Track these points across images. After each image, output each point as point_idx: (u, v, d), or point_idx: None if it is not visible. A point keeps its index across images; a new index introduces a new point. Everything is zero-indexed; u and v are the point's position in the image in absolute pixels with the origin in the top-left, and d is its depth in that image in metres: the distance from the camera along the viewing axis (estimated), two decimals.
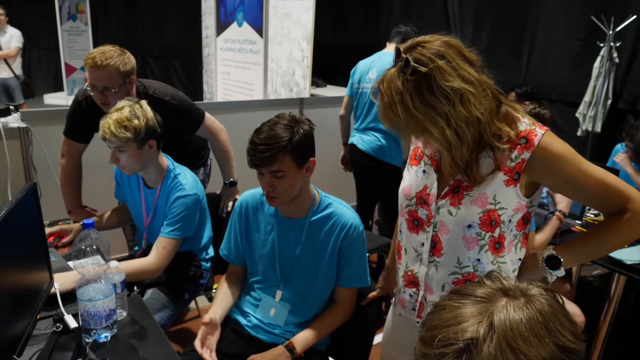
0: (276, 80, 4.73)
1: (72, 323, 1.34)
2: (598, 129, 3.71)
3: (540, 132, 1.08)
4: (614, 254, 2.02)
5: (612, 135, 3.72)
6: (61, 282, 1.47)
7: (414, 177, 1.25)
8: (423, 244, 1.23)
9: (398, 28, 2.96)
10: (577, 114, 3.84)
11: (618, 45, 3.53)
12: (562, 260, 1.14)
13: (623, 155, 2.85)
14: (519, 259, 1.22)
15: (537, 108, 2.24)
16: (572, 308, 2.11)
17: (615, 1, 3.62)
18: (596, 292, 2.62)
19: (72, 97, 2.17)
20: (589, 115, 3.74)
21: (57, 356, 1.26)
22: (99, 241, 1.37)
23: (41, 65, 8.82)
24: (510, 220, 1.15)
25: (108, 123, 1.68)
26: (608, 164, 2.89)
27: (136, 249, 2.07)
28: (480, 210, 1.12)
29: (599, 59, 3.63)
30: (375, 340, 1.68)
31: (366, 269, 1.59)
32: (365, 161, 2.99)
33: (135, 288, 1.93)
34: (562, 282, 2.40)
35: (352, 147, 3.05)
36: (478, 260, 1.17)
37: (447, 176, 1.18)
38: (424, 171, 1.23)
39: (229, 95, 5.03)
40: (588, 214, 2.47)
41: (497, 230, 1.14)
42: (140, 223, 2.00)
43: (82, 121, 2.09)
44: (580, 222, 2.40)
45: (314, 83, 5.81)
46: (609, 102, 3.67)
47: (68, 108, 2.16)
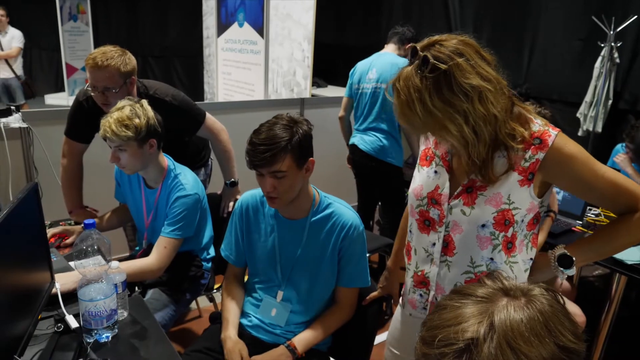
0: (277, 80, 4.73)
1: (73, 323, 1.34)
2: (599, 129, 3.71)
3: (553, 133, 1.09)
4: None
5: (612, 135, 3.72)
6: (62, 282, 1.48)
7: (425, 178, 1.25)
8: (434, 244, 1.23)
9: (395, 29, 3.00)
10: (578, 114, 3.84)
11: (619, 45, 3.52)
12: (574, 258, 1.14)
13: (623, 156, 2.85)
14: (530, 259, 1.22)
15: (538, 108, 2.23)
16: (573, 308, 2.11)
17: (616, 1, 3.62)
18: (597, 292, 2.62)
19: (73, 98, 2.17)
20: (590, 116, 3.74)
21: (58, 356, 1.26)
22: (100, 241, 1.37)
23: (42, 65, 8.83)
24: (522, 220, 1.16)
25: (109, 122, 1.68)
26: (608, 164, 2.88)
27: (137, 249, 2.07)
28: (494, 209, 1.13)
29: (599, 59, 3.62)
30: (377, 341, 1.68)
31: (366, 269, 1.59)
32: (366, 161, 2.99)
33: (136, 288, 1.93)
34: (565, 283, 2.40)
35: (353, 147, 3.05)
36: (491, 259, 1.18)
37: (460, 176, 1.19)
38: (436, 172, 1.23)
39: (229, 95, 5.03)
40: (588, 214, 2.47)
41: (510, 230, 1.15)
42: (141, 223, 2.00)
43: (83, 121, 2.10)
44: (580, 223, 2.40)
45: (315, 83, 5.81)
46: (610, 102, 3.67)
47: (69, 108, 2.16)
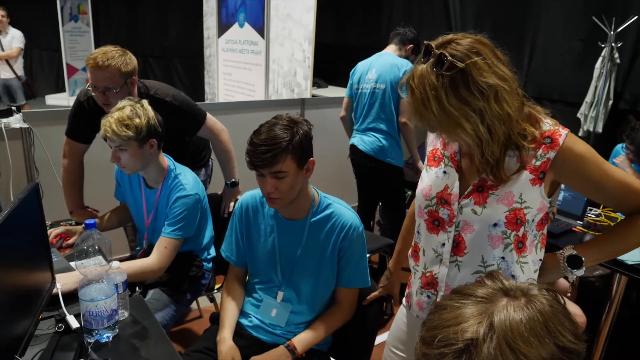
0: (277, 80, 4.72)
1: (74, 323, 1.34)
2: (599, 129, 3.70)
3: (564, 133, 1.10)
4: None
5: (613, 135, 3.71)
6: (63, 282, 1.48)
7: (434, 178, 1.25)
8: (444, 244, 1.22)
9: (396, 30, 3.02)
10: (579, 115, 3.83)
11: (619, 45, 3.52)
12: (583, 259, 1.15)
13: (623, 157, 2.85)
14: (540, 260, 1.23)
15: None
16: (574, 308, 2.11)
17: (616, 1, 3.61)
18: (597, 292, 2.62)
19: (74, 98, 2.17)
20: (590, 116, 3.73)
21: (59, 356, 1.27)
22: (100, 241, 1.37)
23: (43, 66, 8.84)
24: (533, 220, 1.16)
25: (109, 122, 1.68)
26: None
27: (137, 249, 2.07)
28: (506, 208, 1.13)
29: (600, 59, 3.62)
30: (377, 341, 1.68)
31: (366, 270, 1.59)
32: (366, 162, 2.99)
33: (137, 288, 1.93)
34: (562, 282, 2.40)
35: (353, 148, 3.05)
36: (503, 258, 1.18)
37: (469, 176, 1.19)
38: (445, 172, 1.23)
39: (230, 95, 5.03)
40: (589, 215, 2.47)
41: (522, 230, 1.15)
42: (141, 223, 2.00)
43: (83, 122, 2.10)
44: (581, 223, 2.40)
45: (316, 83, 5.80)
46: (610, 102, 3.66)
47: (70, 109, 2.17)
